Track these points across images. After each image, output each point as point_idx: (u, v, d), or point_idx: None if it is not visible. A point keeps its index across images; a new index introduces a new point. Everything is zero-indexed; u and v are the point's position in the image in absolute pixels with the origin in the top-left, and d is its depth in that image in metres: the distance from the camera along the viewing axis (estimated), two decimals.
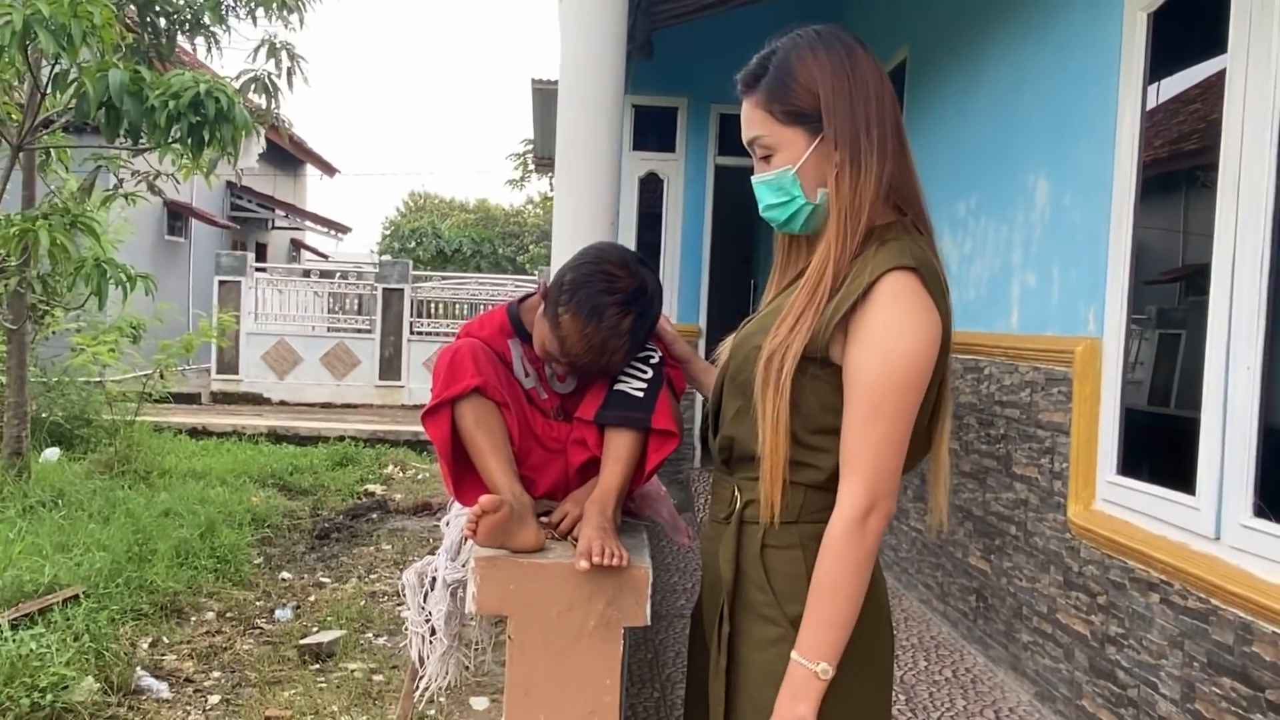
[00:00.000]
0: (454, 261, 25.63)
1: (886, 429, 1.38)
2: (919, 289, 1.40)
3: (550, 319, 1.79)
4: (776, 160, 1.50)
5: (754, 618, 1.49)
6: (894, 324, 1.38)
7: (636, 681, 3.89)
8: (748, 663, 1.49)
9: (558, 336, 1.77)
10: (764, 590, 1.47)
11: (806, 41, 1.49)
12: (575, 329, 1.75)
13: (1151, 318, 5.68)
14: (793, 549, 1.47)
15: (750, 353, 1.51)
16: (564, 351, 1.78)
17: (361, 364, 14.98)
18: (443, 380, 1.77)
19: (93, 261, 5.41)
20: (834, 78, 1.46)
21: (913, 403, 1.40)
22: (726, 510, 1.56)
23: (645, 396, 1.79)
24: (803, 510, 1.47)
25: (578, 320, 1.75)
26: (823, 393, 1.44)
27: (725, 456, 1.58)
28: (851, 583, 1.38)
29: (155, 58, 7.11)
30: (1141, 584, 3.15)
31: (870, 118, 1.45)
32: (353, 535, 7.11)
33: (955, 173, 5.02)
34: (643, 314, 1.79)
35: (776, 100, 1.48)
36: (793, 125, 1.48)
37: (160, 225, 16.77)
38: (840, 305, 1.41)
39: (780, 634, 1.45)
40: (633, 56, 6.37)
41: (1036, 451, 3.91)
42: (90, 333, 8.82)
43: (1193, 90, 5.14)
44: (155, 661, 4.39)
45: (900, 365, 1.38)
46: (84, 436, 8.96)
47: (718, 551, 1.55)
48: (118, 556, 5.21)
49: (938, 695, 3.90)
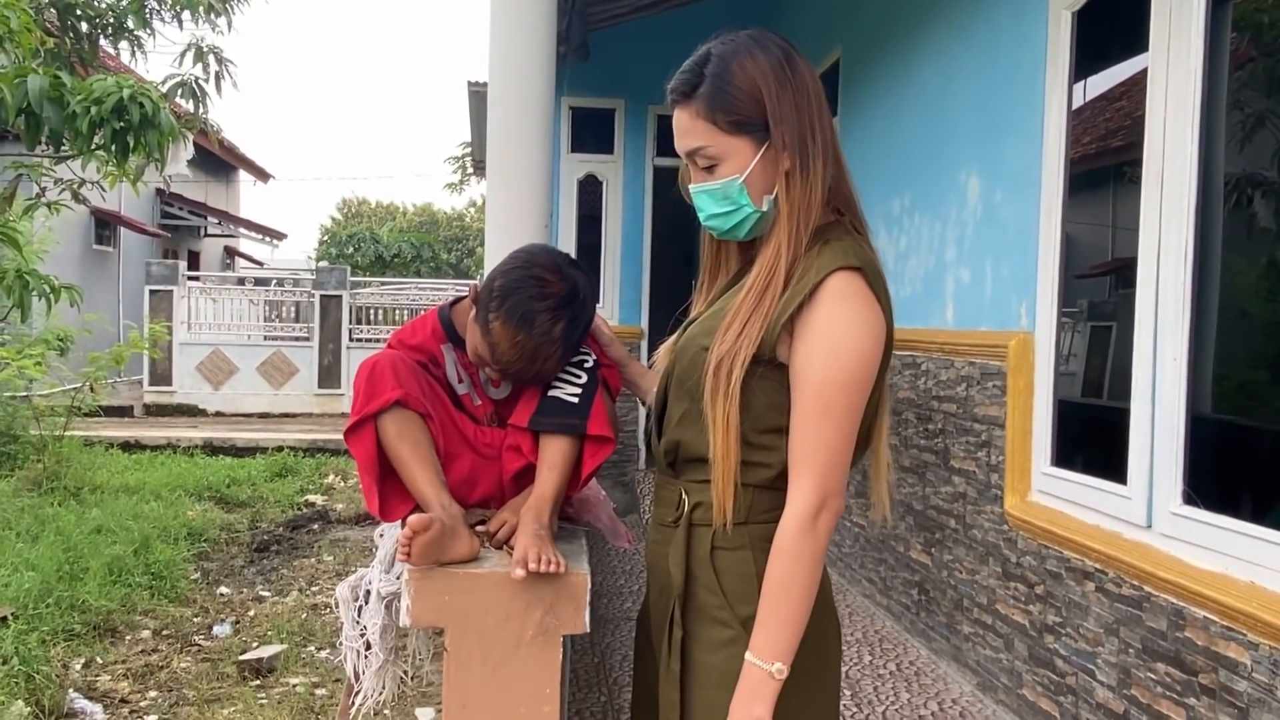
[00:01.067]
0: (393, 267, 25.37)
1: (836, 427, 1.40)
2: (864, 289, 1.42)
3: (481, 325, 1.76)
4: (722, 170, 1.48)
5: (705, 620, 1.49)
6: (841, 324, 1.40)
7: (583, 686, 3.87)
8: (700, 665, 1.48)
9: (489, 343, 1.74)
10: (715, 593, 1.47)
11: (743, 47, 1.47)
12: (506, 336, 1.71)
13: (1083, 311, 5.80)
14: (742, 550, 1.47)
15: (696, 355, 1.50)
16: (495, 358, 1.74)
17: (300, 372, 14.74)
18: (363, 396, 1.72)
19: (15, 273, 5.26)
20: (777, 84, 1.44)
21: (860, 401, 1.42)
22: (674, 514, 1.55)
23: (580, 402, 1.76)
24: (751, 511, 1.47)
25: (508, 328, 1.71)
26: (769, 392, 1.45)
27: (671, 460, 1.58)
28: (804, 581, 1.39)
29: (77, 62, 6.93)
30: (1077, 573, 3.20)
31: (814, 121, 1.46)
32: (293, 547, 6.99)
33: (889, 171, 5.07)
34: (575, 318, 1.76)
35: (720, 110, 1.45)
36: (738, 134, 1.46)
37: (87, 234, 16.35)
38: (786, 306, 1.42)
39: (732, 635, 1.45)
40: (569, 58, 6.34)
41: (974, 445, 3.96)
42: (15, 346, 8.56)
43: (1118, 88, 5.25)
44: (89, 683, 4.27)
45: (848, 364, 1.39)
46: (10, 453, 8.70)
47: (666, 555, 1.54)
48: (48, 576, 5.07)
49: (882, 689, 3.94)
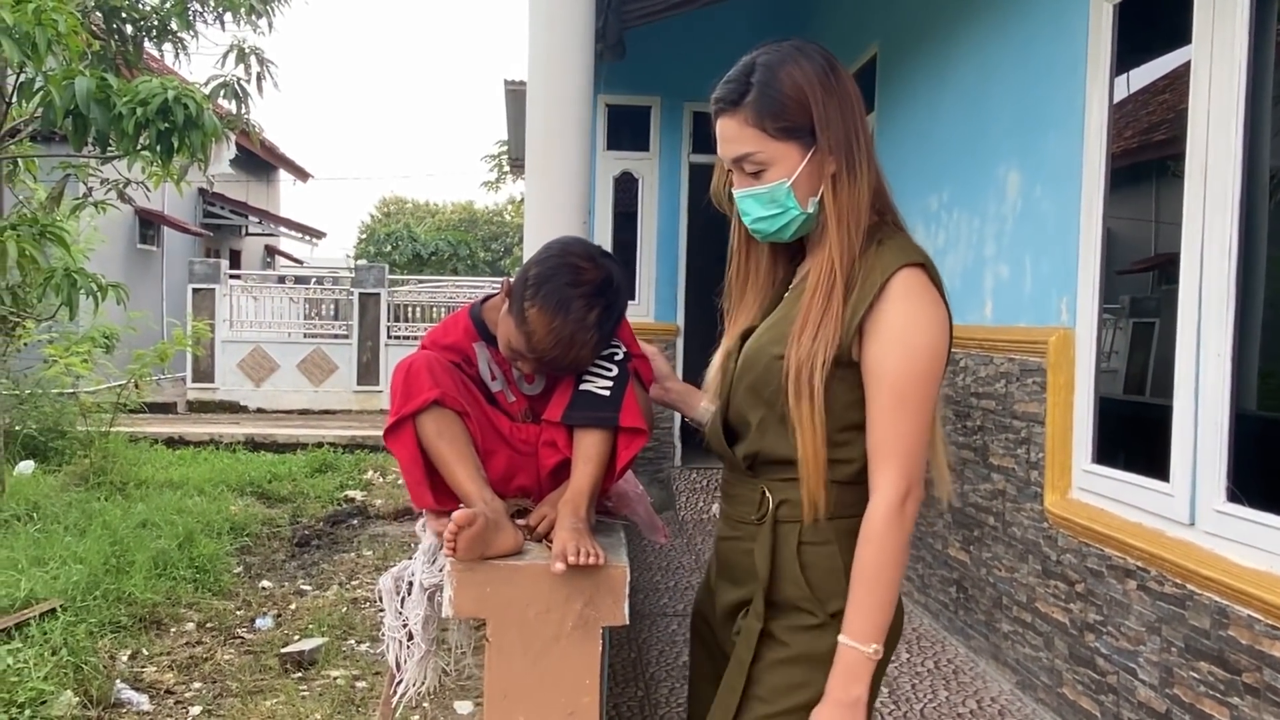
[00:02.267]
0: (431, 265, 25.54)
1: (913, 419, 1.47)
2: (928, 284, 1.51)
3: (516, 315, 1.76)
4: (769, 175, 1.54)
5: (789, 610, 1.54)
6: (911, 319, 1.47)
7: (620, 680, 3.89)
8: (779, 644, 1.54)
9: (524, 333, 1.73)
10: (801, 586, 1.53)
11: (789, 56, 1.54)
12: (543, 323, 1.71)
13: (1125, 307, 5.73)
14: (829, 544, 1.53)
15: (770, 363, 1.56)
16: (530, 347, 1.74)
17: (339, 369, 14.90)
18: (400, 396, 1.73)
19: (63, 271, 5.36)
20: (823, 91, 1.51)
21: (934, 391, 1.50)
22: (757, 512, 1.59)
23: (611, 395, 1.77)
24: (836, 506, 1.52)
25: (544, 315, 1.71)
26: (845, 391, 1.51)
27: (750, 463, 1.62)
28: (894, 566, 1.47)
29: (122, 64, 7.05)
30: (1118, 571, 3.17)
31: (857, 126, 1.54)
32: (333, 542, 7.07)
33: (927, 167, 5.04)
34: (609, 306, 1.76)
35: (769, 116, 1.51)
36: (786, 140, 1.52)
37: (132, 234, 16.63)
38: (858, 306, 1.48)
39: (818, 623, 1.51)
40: (604, 56, 6.36)
41: (1013, 442, 3.94)
42: (62, 344, 8.73)
43: (1161, 81, 5.18)
44: (135, 674, 4.35)
45: (921, 357, 1.47)
46: (58, 449, 8.87)
47: (747, 550, 1.59)
48: (95, 569, 5.16)
49: (920, 687, 3.92)
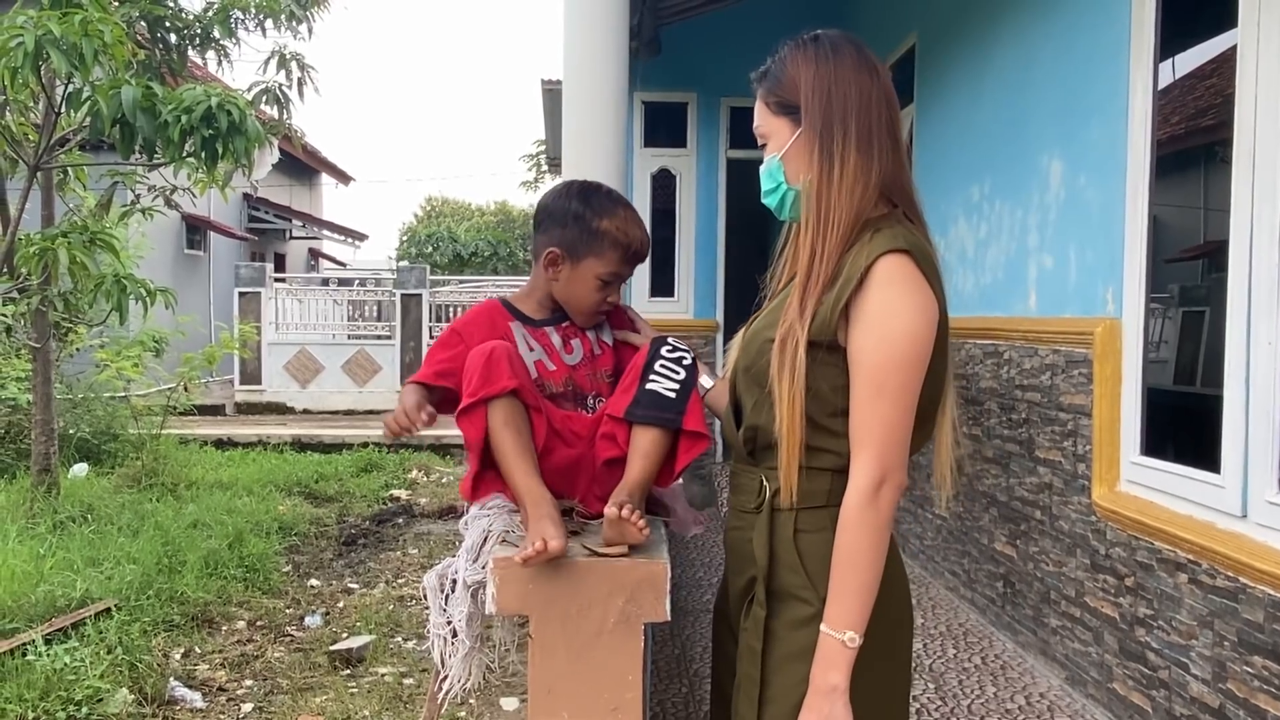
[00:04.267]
0: (471, 265, 25.70)
1: (891, 405, 1.45)
2: (913, 270, 1.47)
3: (592, 245, 1.91)
4: (769, 149, 1.64)
5: (789, 600, 1.54)
6: (891, 304, 1.45)
7: (664, 677, 3.89)
8: (782, 640, 1.54)
9: (614, 244, 1.90)
10: (798, 573, 1.53)
11: (801, 41, 1.61)
12: (620, 223, 1.91)
13: (1174, 296, 5.64)
14: (824, 532, 1.51)
15: (763, 346, 1.57)
16: (630, 246, 1.92)
17: (383, 370, 15.05)
18: (479, 379, 1.72)
19: (113, 277, 5.46)
20: (816, 75, 1.56)
21: (914, 379, 1.47)
22: (755, 500, 1.60)
23: (677, 397, 1.77)
24: (830, 494, 1.52)
25: (613, 218, 1.92)
26: (832, 376, 1.50)
27: (750, 448, 1.63)
28: (870, 553, 1.45)
29: (167, 73, 7.15)
30: (1169, 564, 3.13)
31: (850, 114, 1.54)
32: (379, 540, 7.15)
33: (968, 157, 4.99)
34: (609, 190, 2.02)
35: (771, 92, 1.62)
36: (781, 116, 1.60)
37: (179, 239, 16.91)
38: (841, 292, 1.48)
39: (814, 612, 1.50)
40: (640, 53, 6.36)
41: (1059, 435, 3.89)
42: (113, 348, 8.90)
43: (1208, 65, 5.10)
44: (188, 671, 4.43)
45: (900, 343, 1.45)
46: (111, 451, 9.05)
47: (748, 539, 1.60)
48: (148, 568, 5.27)
49: (967, 682, 3.89)
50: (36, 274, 5.43)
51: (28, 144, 6.15)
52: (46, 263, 5.20)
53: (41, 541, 5.66)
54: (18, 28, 4.37)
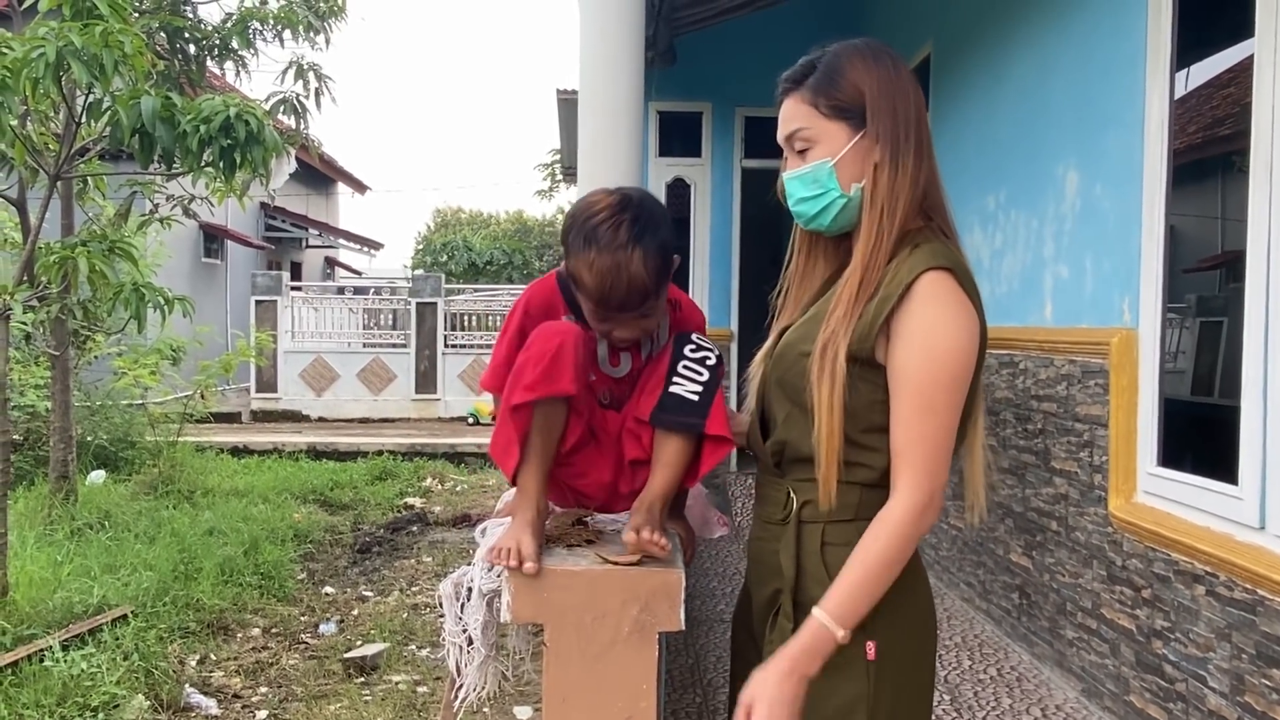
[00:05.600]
0: (486, 274, 25.76)
1: (937, 424, 1.45)
2: (955, 288, 1.46)
3: (566, 279, 1.75)
4: (814, 153, 1.55)
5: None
6: (935, 322, 1.44)
7: (678, 687, 3.89)
8: None
9: (582, 290, 1.70)
10: (824, 586, 1.50)
11: (857, 49, 1.56)
12: (584, 267, 1.66)
13: (1191, 306, 5.60)
14: (851, 546, 1.50)
15: (796, 360, 1.55)
16: (596, 300, 1.69)
17: (397, 378, 15.10)
18: (540, 372, 1.64)
19: (131, 286, 5.49)
20: (880, 80, 1.53)
21: (959, 397, 1.46)
22: (782, 512, 1.59)
23: (700, 400, 1.73)
24: (859, 508, 1.51)
25: (581, 258, 1.67)
26: (869, 392, 1.49)
27: (777, 460, 1.62)
28: (898, 566, 1.45)
29: (186, 83, 7.22)
30: (1186, 576, 3.11)
31: (910, 123, 1.53)
32: (394, 548, 7.17)
33: (984, 166, 4.98)
34: (636, 219, 1.68)
35: (822, 95, 1.54)
36: (836, 119, 1.53)
37: (196, 248, 17.02)
38: (881, 307, 1.46)
39: None
40: (655, 63, 6.37)
41: (1075, 445, 3.87)
42: (131, 356, 8.96)
43: (1225, 74, 5.07)
44: (203, 678, 4.45)
45: (945, 361, 1.44)
46: (128, 458, 9.11)
47: (775, 551, 1.58)
48: (164, 575, 5.30)
49: (983, 694, 3.87)
50: (56, 282, 5.47)
51: (48, 153, 6.20)
52: (66, 271, 5.24)
53: (59, 548, 5.70)
54: (39, 39, 4.40)
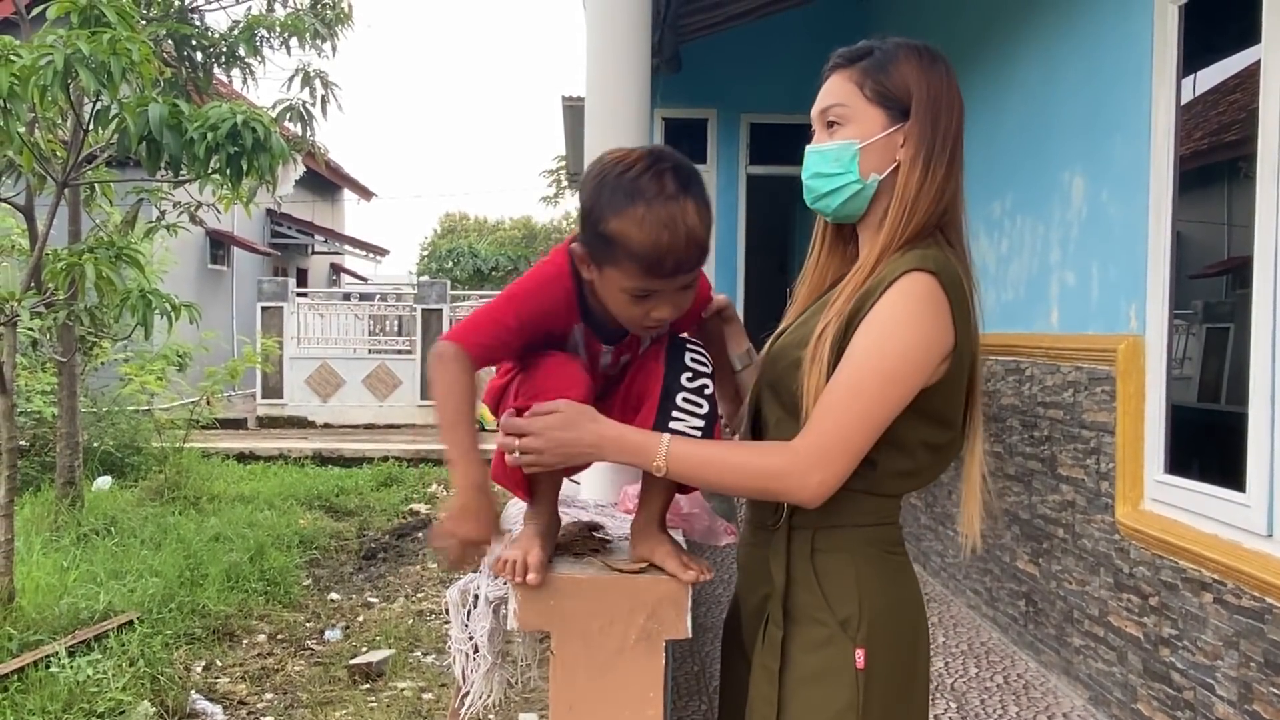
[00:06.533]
0: (491, 280, 25.82)
1: (860, 411, 1.39)
2: (933, 292, 1.42)
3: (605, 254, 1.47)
4: (844, 132, 1.54)
5: (804, 620, 1.50)
6: (895, 317, 1.41)
7: (684, 694, 3.88)
8: (797, 663, 1.50)
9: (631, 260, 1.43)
10: (814, 593, 1.49)
11: (916, 47, 1.56)
12: (634, 225, 1.41)
13: (1198, 312, 5.57)
14: (841, 553, 1.49)
15: (789, 365, 1.52)
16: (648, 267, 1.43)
17: (403, 384, 15.12)
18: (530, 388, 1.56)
19: (138, 292, 5.50)
20: (932, 84, 1.53)
21: (893, 396, 1.40)
22: (773, 518, 1.56)
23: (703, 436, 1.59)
24: (850, 514, 1.49)
25: (629, 215, 1.42)
26: None
27: None
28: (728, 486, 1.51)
29: (193, 90, 7.25)
30: (1194, 584, 3.10)
31: (949, 135, 1.54)
32: (399, 555, 7.17)
33: (990, 172, 4.98)
34: (676, 169, 1.48)
35: (870, 78, 1.53)
36: (877, 105, 1.52)
37: (203, 254, 17.07)
38: (864, 299, 1.45)
39: (829, 634, 1.47)
40: (661, 70, 6.39)
41: (1082, 452, 3.86)
42: (138, 362, 8.99)
43: (1231, 80, 5.05)
44: (209, 684, 4.45)
45: (889, 355, 1.40)
46: (134, 464, 9.13)
47: (764, 557, 1.56)
48: (170, 581, 5.30)
49: (989, 702, 3.85)
50: (63, 289, 5.48)
51: (56, 161, 6.22)
52: (73, 278, 5.26)
53: (65, 554, 5.71)
54: (47, 46, 4.42)
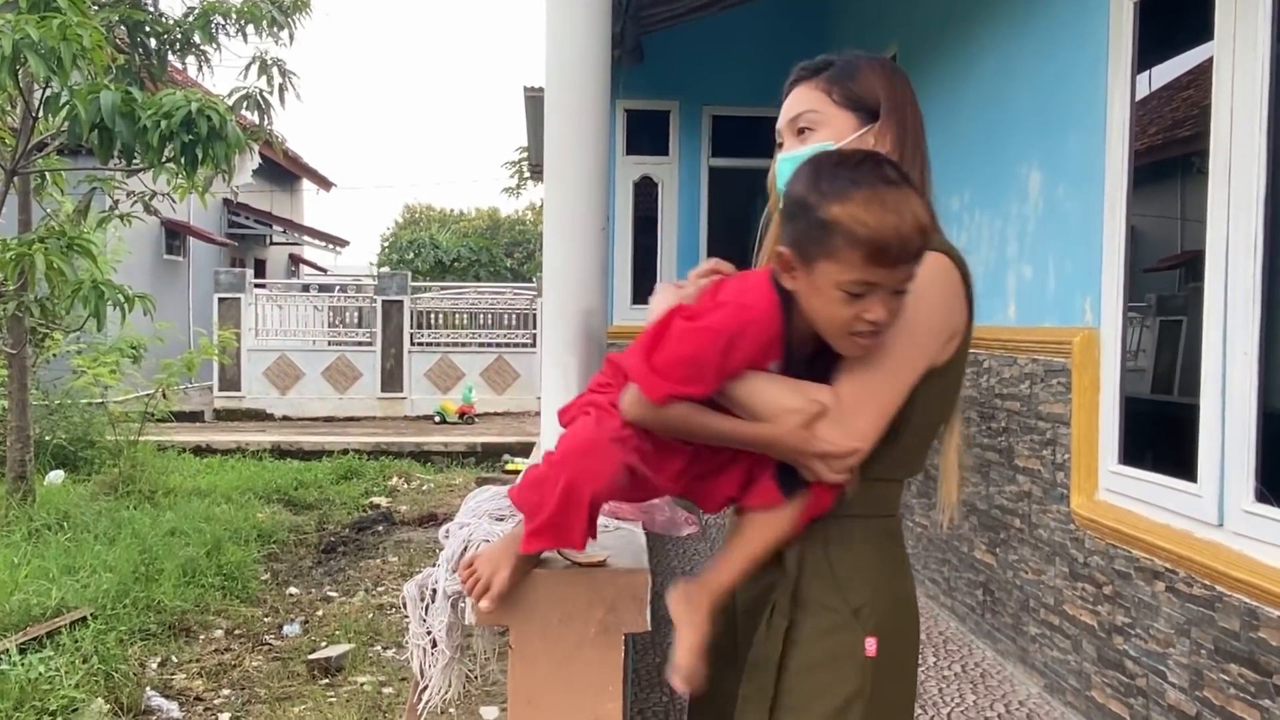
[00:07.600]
0: (453, 271, 25.66)
1: (891, 370, 1.41)
2: (950, 271, 1.49)
3: (824, 251, 1.34)
4: (816, 137, 1.57)
5: (815, 607, 1.51)
6: (919, 289, 1.39)
7: (645, 686, 3.89)
8: (804, 649, 1.49)
9: (857, 249, 1.31)
10: (827, 581, 1.49)
11: (874, 58, 1.63)
12: (861, 208, 1.31)
13: (1152, 305, 5.67)
14: (854, 544, 1.50)
15: None
16: (881, 252, 1.31)
17: (363, 376, 14.99)
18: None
19: (90, 283, 5.42)
20: (896, 89, 1.60)
21: (919, 362, 1.44)
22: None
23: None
24: (865, 504, 1.49)
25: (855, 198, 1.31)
26: None
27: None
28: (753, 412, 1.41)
29: (147, 78, 7.12)
30: (1147, 573, 3.15)
31: (918, 137, 1.59)
32: (359, 548, 7.11)
33: (948, 167, 5.02)
34: (892, 163, 1.39)
35: (837, 85, 1.58)
36: (846, 109, 1.57)
37: (158, 245, 16.80)
38: None
39: (841, 621, 1.48)
40: (623, 61, 6.37)
41: (1038, 443, 3.91)
42: (91, 354, 8.83)
43: (1185, 77, 5.14)
44: (165, 681, 4.39)
45: (916, 324, 1.41)
46: (88, 458, 8.98)
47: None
48: (124, 577, 5.22)
49: (947, 690, 3.90)
50: (13, 279, 5.39)
51: (4, 148, 6.10)
52: (23, 268, 5.16)
53: (16, 550, 5.60)
54: None
